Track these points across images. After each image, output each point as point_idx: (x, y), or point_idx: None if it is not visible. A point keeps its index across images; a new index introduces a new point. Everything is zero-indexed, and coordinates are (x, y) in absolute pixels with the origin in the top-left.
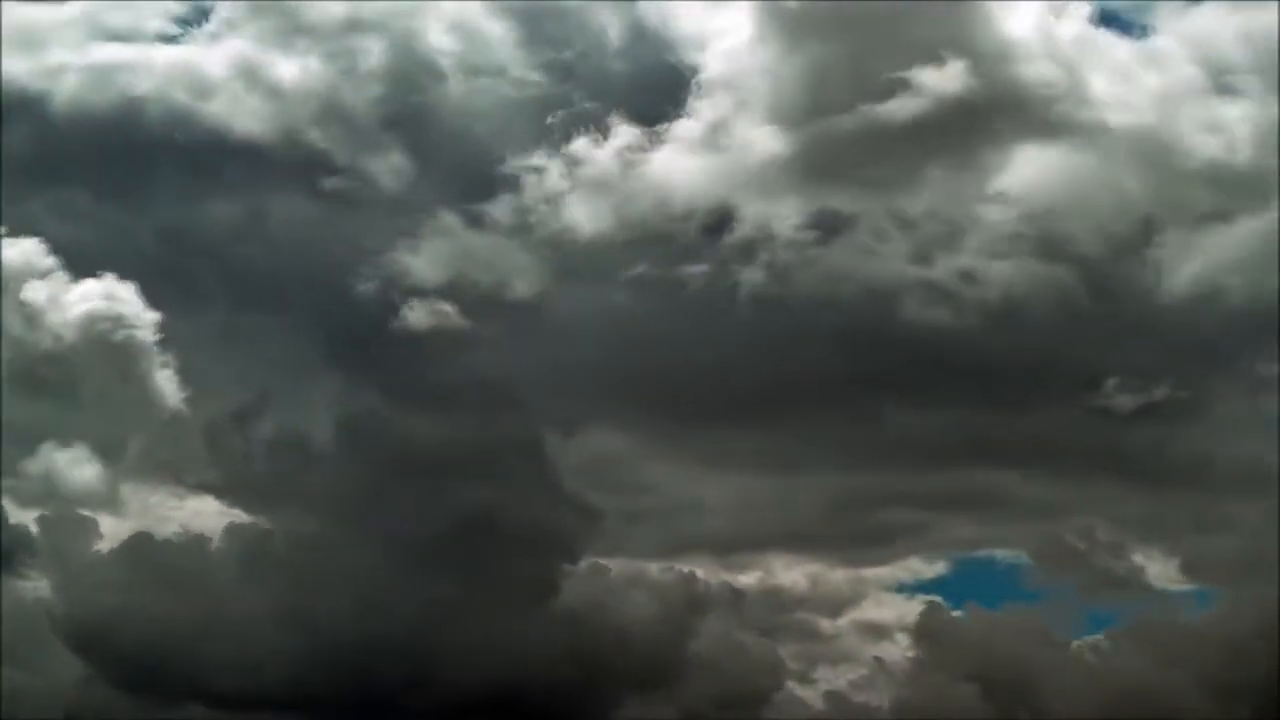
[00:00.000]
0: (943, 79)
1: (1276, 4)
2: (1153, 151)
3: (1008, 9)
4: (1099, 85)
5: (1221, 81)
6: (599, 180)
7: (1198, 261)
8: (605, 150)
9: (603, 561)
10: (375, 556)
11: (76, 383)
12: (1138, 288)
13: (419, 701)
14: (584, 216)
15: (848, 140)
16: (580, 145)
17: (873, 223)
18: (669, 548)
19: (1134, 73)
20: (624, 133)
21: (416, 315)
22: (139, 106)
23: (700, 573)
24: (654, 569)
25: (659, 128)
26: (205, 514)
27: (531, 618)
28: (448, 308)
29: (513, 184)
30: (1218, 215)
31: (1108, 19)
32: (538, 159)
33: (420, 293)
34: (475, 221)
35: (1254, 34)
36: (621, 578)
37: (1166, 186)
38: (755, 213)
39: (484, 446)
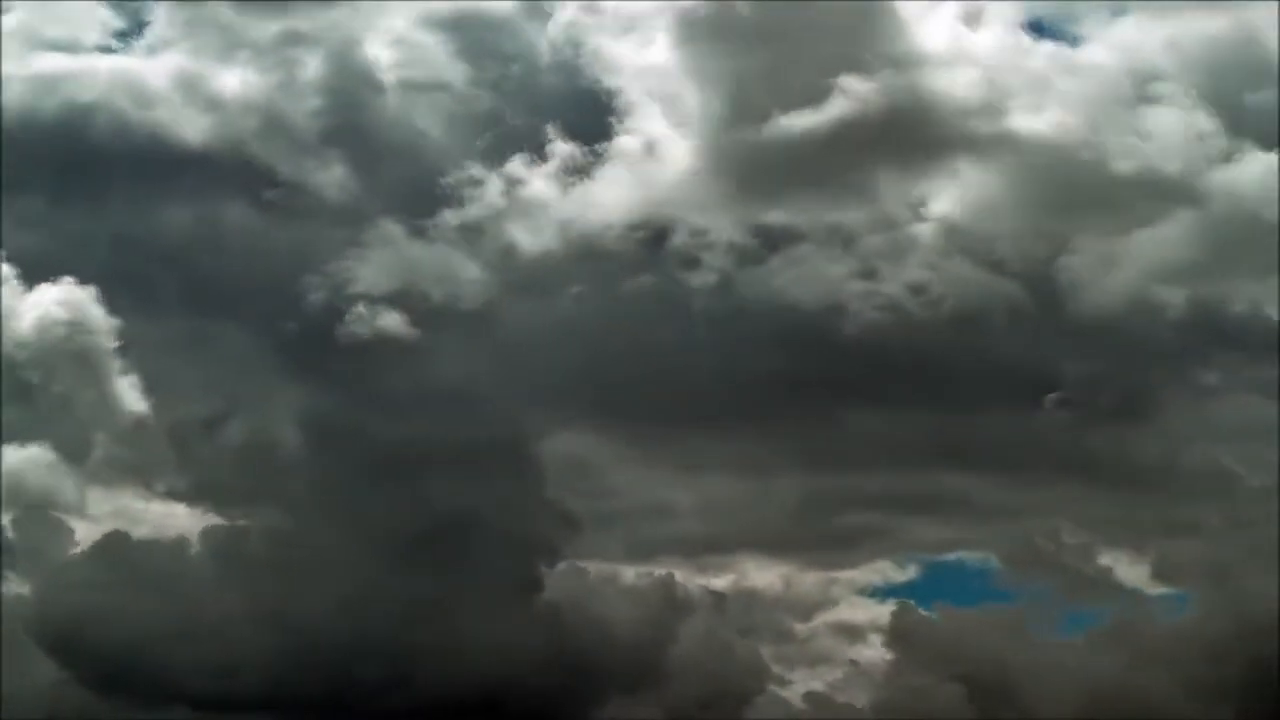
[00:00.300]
0: (869, 89)
1: (1201, 12)
2: (1081, 160)
3: (936, 19)
4: (1027, 95)
5: (1148, 90)
6: (538, 197)
7: (1129, 270)
8: (543, 167)
9: (579, 564)
10: (352, 558)
11: (39, 388)
12: (1073, 296)
13: (398, 702)
14: (526, 231)
15: (778, 152)
16: (519, 162)
17: (810, 232)
18: (639, 551)
19: (1062, 82)
20: (560, 149)
21: (369, 323)
22: (85, 115)
23: (676, 576)
24: (629, 572)
25: (596, 145)
26: (175, 517)
27: (510, 620)
28: (397, 316)
29: (455, 198)
30: (1146, 223)
31: (1035, 28)
32: (478, 174)
33: (369, 301)
34: (419, 233)
35: (1180, 42)
36: (599, 580)
37: (1095, 195)
38: (695, 225)
39: (457, 450)
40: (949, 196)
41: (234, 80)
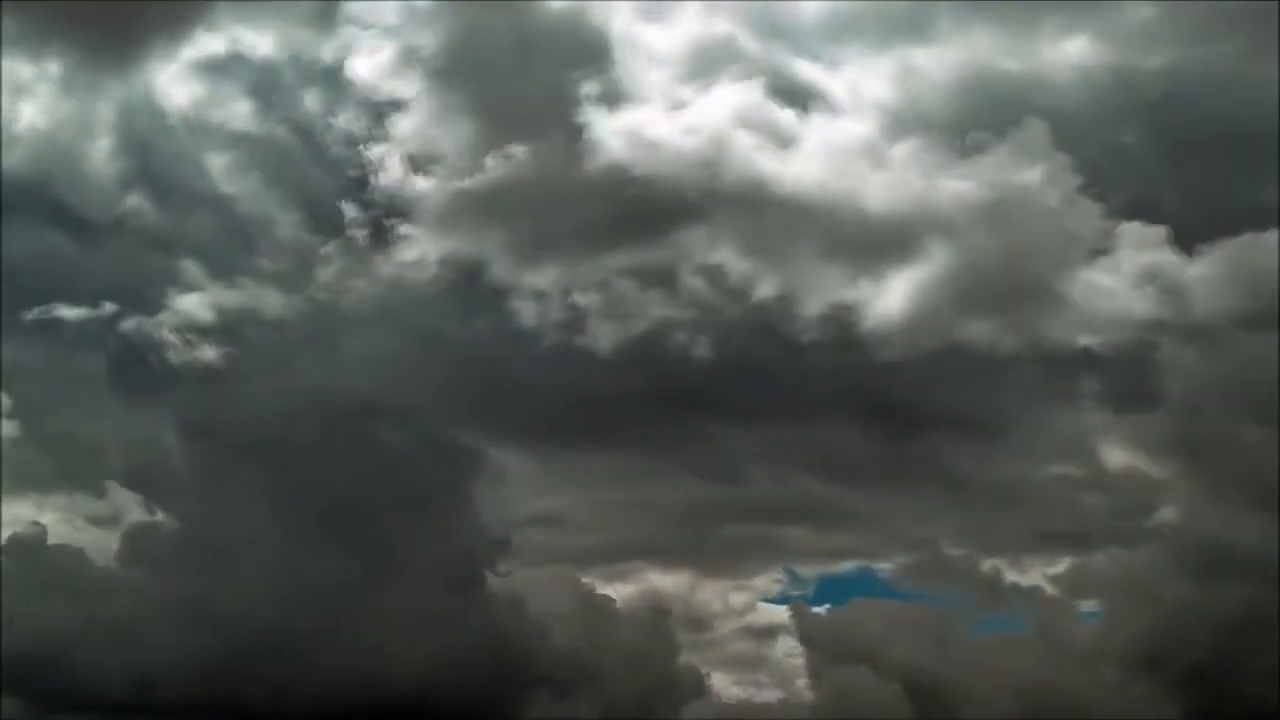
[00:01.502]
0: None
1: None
2: (832, 204)
3: (664, 65)
4: (769, 144)
5: (890, 130)
6: (344, 242)
7: (895, 303)
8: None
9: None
10: (257, 562)
11: None
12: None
13: (316, 707)
14: (336, 272)
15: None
16: (316, 209)
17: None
18: (538, 559)
19: (803, 132)
20: (349, 210)
21: (194, 351)
22: None
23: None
24: (542, 575)
25: (385, 195)
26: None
27: (424, 628)
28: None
29: (257, 242)
30: (901, 259)
31: (776, 82)
32: (277, 217)
33: (192, 331)
34: (226, 273)
35: (915, 78)
36: (521, 585)
37: (847, 236)
38: (498, 268)
39: (363, 466)
40: (711, 251)
41: (28, 116)
